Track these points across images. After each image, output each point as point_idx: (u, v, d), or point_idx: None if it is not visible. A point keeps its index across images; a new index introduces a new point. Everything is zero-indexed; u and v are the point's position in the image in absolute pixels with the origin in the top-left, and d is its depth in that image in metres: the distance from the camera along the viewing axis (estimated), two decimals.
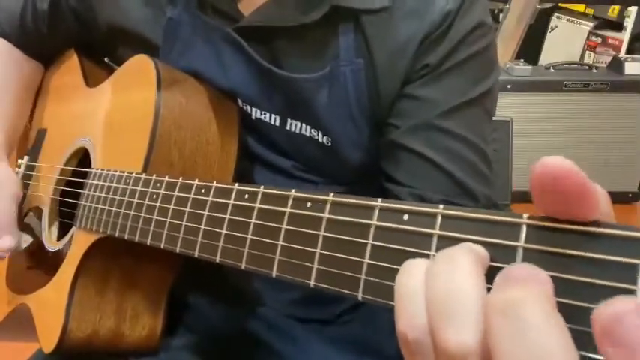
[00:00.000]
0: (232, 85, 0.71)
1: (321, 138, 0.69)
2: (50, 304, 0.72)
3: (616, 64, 2.38)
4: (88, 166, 0.74)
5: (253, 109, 0.71)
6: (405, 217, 0.33)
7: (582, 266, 0.26)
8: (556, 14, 3.21)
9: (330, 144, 0.69)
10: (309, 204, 0.39)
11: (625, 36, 3.03)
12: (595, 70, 2.38)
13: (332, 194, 0.38)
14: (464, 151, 0.66)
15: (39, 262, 0.81)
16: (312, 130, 0.69)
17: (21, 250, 0.82)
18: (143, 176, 0.59)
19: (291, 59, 0.68)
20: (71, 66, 0.89)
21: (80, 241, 0.70)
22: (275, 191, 0.42)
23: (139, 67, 0.72)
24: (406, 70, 0.65)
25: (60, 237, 0.79)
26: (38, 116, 0.94)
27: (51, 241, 0.79)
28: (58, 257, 0.75)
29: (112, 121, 0.74)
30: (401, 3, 0.64)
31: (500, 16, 2.56)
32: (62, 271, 0.72)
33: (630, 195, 2.41)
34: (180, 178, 0.52)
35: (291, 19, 0.66)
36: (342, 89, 0.66)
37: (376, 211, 0.35)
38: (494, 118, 0.71)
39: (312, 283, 0.38)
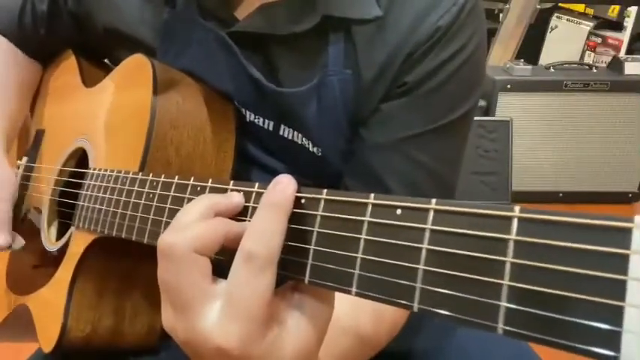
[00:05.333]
0: (226, 88, 0.71)
1: (311, 147, 0.70)
2: (49, 304, 0.72)
3: (616, 64, 2.38)
4: (87, 166, 0.74)
5: (248, 112, 0.72)
6: (398, 211, 0.33)
7: (575, 258, 0.26)
8: (556, 14, 3.22)
9: (320, 154, 0.70)
10: (303, 201, 0.40)
11: (625, 36, 3.03)
12: (595, 70, 2.38)
13: (325, 190, 0.38)
14: (421, 177, 0.67)
15: (39, 262, 0.81)
16: (304, 139, 0.70)
17: (15, 251, 0.82)
18: (139, 176, 0.59)
19: (284, 68, 0.68)
20: (69, 66, 0.89)
21: (78, 241, 0.70)
22: None
23: (136, 66, 0.72)
24: (389, 83, 0.65)
25: (59, 237, 0.79)
26: (36, 117, 0.94)
27: (50, 242, 0.80)
28: (57, 257, 0.75)
29: (109, 120, 0.74)
30: (395, 15, 0.64)
31: (501, 16, 2.56)
32: (61, 271, 0.72)
33: (630, 195, 2.41)
34: (176, 178, 0.53)
35: (281, 28, 0.66)
36: (330, 99, 0.66)
37: (369, 207, 0.35)
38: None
39: (306, 279, 0.38)
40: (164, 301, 0.42)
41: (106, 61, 0.91)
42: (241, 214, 0.44)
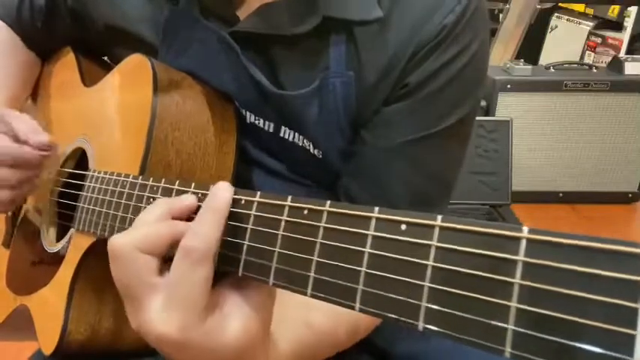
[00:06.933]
0: (227, 89, 0.70)
1: (312, 149, 0.69)
2: (49, 306, 0.72)
3: (616, 64, 2.38)
4: (86, 166, 0.73)
5: (248, 113, 0.71)
6: (403, 227, 0.33)
7: (584, 282, 0.26)
8: (556, 14, 3.22)
9: (321, 156, 0.69)
10: (306, 212, 0.39)
11: (625, 36, 3.03)
12: (595, 70, 2.38)
13: (329, 202, 0.38)
14: (421, 179, 0.67)
15: (39, 263, 0.81)
16: (305, 141, 0.69)
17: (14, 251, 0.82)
18: (139, 180, 0.59)
19: (285, 69, 0.68)
20: (68, 64, 0.88)
21: (78, 243, 0.69)
22: (271, 200, 0.42)
23: (136, 66, 0.71)
24: (393, 84, 0.64)
25: (59, 238, 0.79)
26: (36, 116, 0.94)
27: (50, 243, 0.79)
28: (57, 258, 0.75)
29: (108, 121, 0.74)
30: (398, 16, 0.63)
31: (500, 16, 2.56)
32: (61, 273, 0.71)
33: (630, 195, 2.41)
34: (177, 184, 0.52)
35: (281, 29, 0.65)
36: (332, 101, 0.65)
37: (373, 221, 0.35)
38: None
39: (309, 292, 0.38)
40: (121, 297, 0.48)
41: (105, 58, 0.90)
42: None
